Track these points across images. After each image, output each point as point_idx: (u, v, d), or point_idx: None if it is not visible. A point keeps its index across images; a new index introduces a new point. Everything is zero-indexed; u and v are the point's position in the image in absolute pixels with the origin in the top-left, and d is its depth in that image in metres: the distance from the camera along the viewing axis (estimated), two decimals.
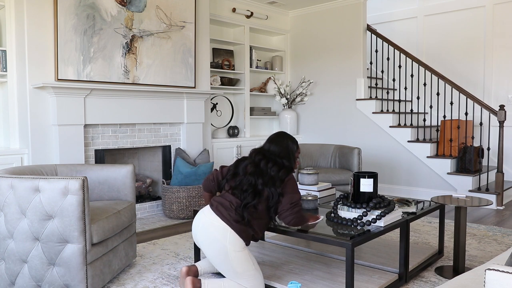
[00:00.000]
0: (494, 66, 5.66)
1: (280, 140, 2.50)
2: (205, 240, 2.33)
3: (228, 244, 2.27)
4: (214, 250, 2.31)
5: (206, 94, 4.93)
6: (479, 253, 3.23)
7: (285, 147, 2.47)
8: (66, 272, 2.32)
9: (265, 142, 2.55)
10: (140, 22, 4.28)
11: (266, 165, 2.36)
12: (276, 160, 2.39)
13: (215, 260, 2.34)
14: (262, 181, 2.32)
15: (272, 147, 2.47)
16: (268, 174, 2.33)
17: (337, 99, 6.05)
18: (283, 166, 2.38)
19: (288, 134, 2.57)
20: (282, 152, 2.45)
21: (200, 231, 2.36)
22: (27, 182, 2.31)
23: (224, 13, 5.66)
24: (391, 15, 6.60)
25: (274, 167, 2.36)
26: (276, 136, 2.54)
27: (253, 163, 2.40)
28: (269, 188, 2.32)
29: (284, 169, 2.37)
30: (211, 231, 2.30)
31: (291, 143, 2.51)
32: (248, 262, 2.32)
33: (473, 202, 2.76)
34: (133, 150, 4.77)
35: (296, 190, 2.38)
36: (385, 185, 5.56)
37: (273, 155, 2.42)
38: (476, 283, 1.60)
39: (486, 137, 5.35)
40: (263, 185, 2.32)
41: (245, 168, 2.40)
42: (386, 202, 2.54)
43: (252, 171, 2.36)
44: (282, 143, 2.48)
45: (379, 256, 2.91)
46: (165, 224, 4.15)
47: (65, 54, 3.79)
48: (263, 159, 2.39)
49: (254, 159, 2.42)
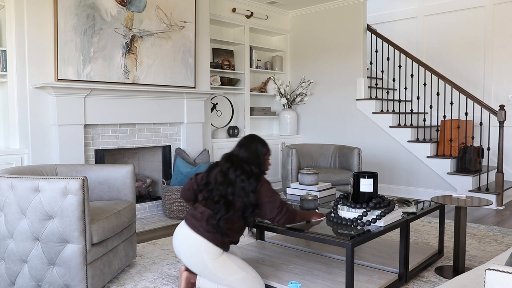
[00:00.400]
0: (494, 66, 5.66)
1: (249, 144, 2.43)
2: (184, 254, 2.33)
3: (205, 255, 2.25)
4: (194, 263, 2.31)
5: (206, 94, 4.93)
6: (479, 253, 3.23)
7: (254, 151, 2.40)
8: (66, 272, 2.32)
9: (235, 146, 2.47)
10: (140, 22, 4.28)
11: (234, 173, 2.30)
12: (244, 167, 2.32)
13: (199, 271, 2.34)
14: (232, 191, 2.28)
15: (241, 152, 2.40)
16: (238, 185, 2.28)
17: (337, 99, 6.05)
18: (251, 174, 2.31)
19: (258, 137, 2.50)
20: (251, 157, 2.38)
21: (178, 246, 2.37)
22: (27, 182, 2.31)
23: (224, 13, 5.66)
24: (391, 15, 6.60)
25: (242, 175, 2.29)
26: (245, 140, 2.47)
27: (222, 171, 2.34)
28: (241, 198, 2.27)
29: (253, 177, 2.30)
30: (187, 245, 2.30)
31: (260, 146, 2.44)
32: (230, 267, 2.29)
33: (473, 202, 2.76)
34: (133, 150, 4.77)
35: (273, 194, 2.33)
36: (385, 185, 5.56)
37: (241, 162, 2.35)
38: (476, 283, 1.60)
39: (486, 137, 5.34)
40: (233, 196, 2.27)
41: (216, 177, 2.35)
42: (386, 202, 2.53)
43: (221, 181, 2.30)
44: (251, 147, 2.41)
45: (379, 256, 2.91)
46: (165, 224, 4.15)
47: (65, 54, 3.79)
48: (231, 166, 2.33)
49: (222, 167, 2.36)
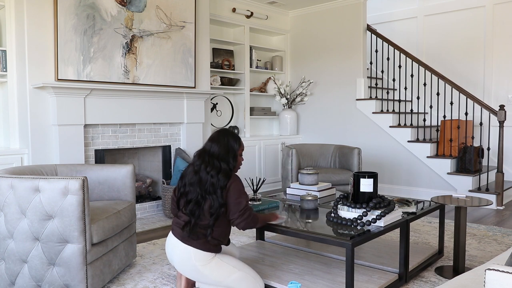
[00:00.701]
0: (494, 66, 5.66)
1: (220, 139, 2.34)
2: (177, 264, 2.31)
3: (196, 262, 2.22)
4: (188, 271, 2.29)
5: (206, 94, 4.93)
6: (479, 253, 3.23)
7: (224, 146, 2.31)
8: (66, 272, 2.32)
9: (207, 141, 2.39)
10: (140, 22, 4.28)
11: (205, 170, 2.24)
12: (214, 163, 2.25)
13: (195, 279, 2.32)
14: (201, 190, 2.22)
15: (213, 147, 2.32)
16: (209, 181, 2.22)
17: (337, 99, 6.05)
18: (220, 169, 2.24)
19: (230, 131, 2.42)
20: (222, 152, 2.29)
21: (170, 258, 2.35)
22: (27, 182, 2.31)
23: (224, 13, 5.66)
24: (391, 15, 6.60)
25: (212, 171, 2.23)
26: (217, 134, 2.38)
27: (194, 170, 2.28)
28: (210, 195, 2.21)
29: (222, 173, 2.23)
30: (178, 256, 2.27)
31: (232, 140, 2.35)
32: (225, 268, 2.26)
33: (473, 202, 2.76)
34: (133, 150, 4.77)
35: (241, 194, 2.26)
36: (385, 185, 5.56)
37: (212, 157, 2.28)
38: (476, 283, 1.60)
39: (486, 137, 5.34)
40: (204, 194, 2.21)
41: (189, 177, 2.30)
42: (386, 202, 2.53)
43: (193, 181, 2.26)
44: (223, 142, 2.32)
45: (379, 256, 2.91)
46: (165, 224, 4.15)
47: (65, 54, 3.79)
48: (202, 163, 2.27)
49: (194, 165, 2.30)
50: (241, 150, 2.40)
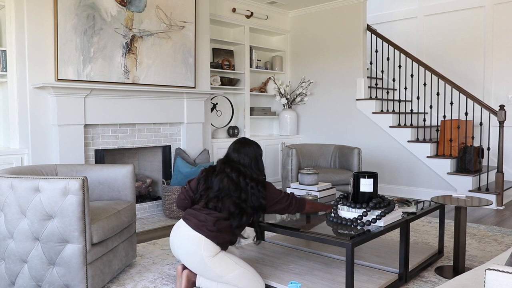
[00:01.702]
0: (494, 66, 5.66)
1: (246, 149, 2.50)
2: (183, 254, 2.34)
3: (204, 252, 2.27)
4: (193, 262, 2.32)
5: (206, 94, 4.93)
6: (479, 253, 3.23)
7: (253, 156, 2.48)
8: (66, 272, 2.32)
9: (231, 151, 2.52)
10: (140, 22, 4.28)
11: (244, 181, 2.38)
12: (252, 175, 2.42)
13: (198, 271, 2.35)
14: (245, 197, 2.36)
15: (242, 158, 2.46)
16: (249, 191, 2.37)
17: (337, 99, 6.05)
18: (258, 181, 2.42)
19: (250, 140, 2.58)
20: (253, 161, 2.47)
21: (177, 246, 2.37)
22: (27, 182, 2.31)
23: (224, 13, 5.66)
24: (391, 15, 6.60)
25: (252, 182, 2.39)
26: (241, 145, 2.53)
27: (232, 180, 2.38)
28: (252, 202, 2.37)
29: (260, 184, 2.41)
30: (187, 245, 2.30)
31: (256, 148, 2.53)
32: (229, 263, 2.31)
33: (473, 202, 2.76)
34: (133, 150, 4.77)
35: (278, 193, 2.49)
36: (385, 185, 5.56)
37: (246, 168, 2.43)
38: (476, 283, 1.60)
39: (486, 137, 5.34)
40: (245, 202, 2.36)
41: (222, 182, 2.38)
42: (386, 202, 2.53)
43: (233, 189, 2.36)
44: (250, 152, 2.48)
45: (379, 256, 2.91)
46: (165, 224, 4.15)
47: (65, 54, 3.79)
48: (240, 175, 2.39)
49: (231, 175, 2.39)
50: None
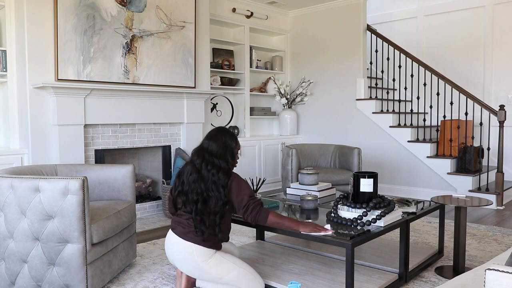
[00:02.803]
0: (494, 66, 5.66)
1: (218, 137, 2.38)
2: (178, 262, 2.33)
3: (197, 258, 2.25)
4: (189, 268, 2.31)
5: (206, 94, 4.93)
6: (479, 253, 3.23)
7: (222, 145, 2.35)
8: (66, 272, 2.32)
9: (204, 138, 2.43)
10: (140, 22, 4.28)
11: (206, 168, 2.28)
12: (214, 161, 2.30)
13: (196, 276, 2.34)
14: (206, 187, 2.26)
15: (211, 145, 2.35)
16: (210, 179, 2.26)
17: (337, 99, 6.05)
18: (220, 168, 2.29)
19: (227, 130, 2.46)
20: (220, 150, 2.34)
21: (171, 255, 2.37)
22: (27, 182, 2.31)
23: (224, 13, 5.66)
24: (391, 15, 6.60)
25: (213, 169, 2.28)
26: (215, 133, 2.42)
27: (195, 168, 2.31)
28: (213, 193, 2.25)
29: (221, 172, 2.28)
30: (179, 253, 2.29)
31: (229, 139, 2.39)
32: (226, 264, 2.29)
33: (473, 202, 2.76)
34: (133, 150, 4.77)
35: (240, 191, 2.29)
36: (385, 185, 5.56)
37: (211, 156, 2.32)
38: (476, 283, 1.60)
39: (486, 137, 5.34)
40: (207, 191, 2.26)
41: (188, 178, 2.31)
42: (386, 202, 2.53)
43: (195, 178, 2.28)
44: (220, 140, 2.36)
45: (379, 256, 2.91)
46: (165, 224, 4.15)
47: (65, 54, 3.79)
48: (203, 161, 2.31)
49: (195, 163, 2.33)
50: (237, 149, 2.44)
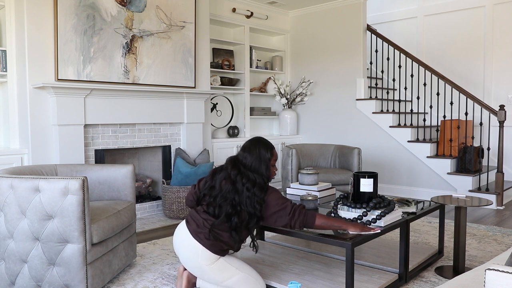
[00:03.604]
0: (494, 66, 5.66)
1: (252, 149, 2.31)
2: (183, 257, 2.32)
3: (201, 261, 2.23)
4: (192, 267, 2.30)
5: (206, 94, 4.93)
6: (479, 253, 3.23)
7: (257, 157, 2.28)
8: (66, 272, 2.32)
9: (240, 149, 2.38)
10: (140, 22, 4.28)
11: (241, 182, 2.21)
12: (249, 176, 2.23)
13: (198, 275, 2.34)
14: (239, 200, 2.21)
15: (245, 157, 2.29)
16: (244, 194, 2.20)
17: (337, 99, 6.05)
18: (255, 183, 2.22)
19: (262, 140, 2.38)
20: (254, 163, 2.27)
21: (177, 247, 2.35)
22: (27, 182, 2.31)
23: (224, 13, 5.66)
24: (391, 15, 6.60)
25: (248, 183, 2.21)
26: (249, 144, 2.35)
27: (230, 179, 2.25)
28: (247, 208, 2.19)
29: (257, 187, 2.21)
30: (185, 248, 2.28)
31: (263, 150, 2.31)
32: (228, 269, 2.27)
33: (473, 202, 2.76)
34: (133, 150, 4.77)
35: (282, 201, 2.24)
36: (385, 185, 5.56)
37: (247, 169, 2.26)
38: (476, 283, 1.60)
39: (486, 137, 5.34)
40: (240, 205, 2.20)
41: (221, 183, 2.26)
42: (386, 202, 2.53)
43: (229, 189, 2.23)
44: (254, 152, 2.30)
45: (379, 256, 2.91)
46: (165, 224, 4.15)
47: (65, 54, 3.79)
48: (238, 174, 2.24)
49: (230, 173, 2.26)
50: (273, 160, 2.37)
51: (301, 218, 2.23)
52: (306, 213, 2.25)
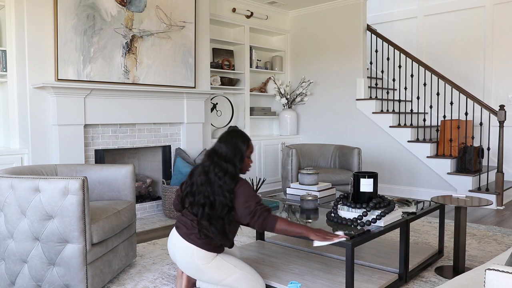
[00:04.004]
0: (494, 66, 5.66)
1: (228, 139, 2.28)
2: (179, 262, 2.31)
3: (198, 261, 2.22)
4: (190, 270, 2.29)
5: (206, 94, 4.93)
6: (479, 253, 3.23)
7: (232, 147, 2.25)
8: (66, 272, 2.32)
9: (216, 141, 2.34)
10: (140, 22, 4.28)
11: (214, 171, 2.20)
12: (222, 165, 2.21)
13: (197, 277, 2.33)
14: (211, 190, 2.19)
15: (221, 147, 2.26)
16: (217, 183, 2.18)
17: (337, 99, 6.05)
18: (227, 172, 2.20)
19: (239, 131, 2.34)
20: (229, 153, 2.24)
21: (172, 253, 2.35)
22: (27, 182, 2.31)
23: (224, 13, 5.66)
24: (391, 15, 6.60)
25: (220, 172, 2.19)
26: (226, 134, 2.32)
27: (204, 171, 2.24)
28: (219, 197, 2.17)
29: (228, 176, 2.19)
30: (181, 253, 2.27)
31: (240, 141, 2.28)
32: (227, 267, 2.27)
33: (473, 202, 2.76)
34: (133, 150, 4.77)
35: (249, 198, 2.19)
36: (385, 185, 5.56)
37: (220, 159, 2.23)
38: (476, 283, 1.60)
39: (486, 137, 5.34)
40: (213, 195, 2.18)
41: (197, 179, 2.25)
42: (386, 202, 2.53)
43: (203, 181, 2.21)
44: (230, 143, 2.26)
45: (379, 256, 2.91)
46: (165, 224, 4.15)
47: (65, 54, 3.79)
48: (211, 164, 2.22)
49: (204, 166, 2.25)
50: (249, 152, 2.33)
51: (260, 221, 2.17)
52: (267, 217, 2.18)
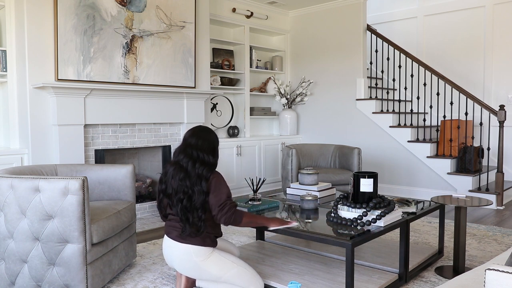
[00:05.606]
0: (494, 66, 5.66)
1: (204, 134, 2.37)
2: (178, 265, 2.32)
3: (196, 258, 2.24)
4: (189, 269, 2.30)
5: (206, 94, 4.93)
6: (479, 253, 3.23)
7: (207, 141, 2.34)
8: (66, 272, 2.32)
9: (188, 136, 2.36)
10: (140, 22, 4.28)
11: (194, 165, 2.25)
12: (204, 158, 2.28)
13: (196, 276, 2.34)
14: (190, 183, 2.22)
15: (199, 141, 2.32)
16: (195, 173, 2.23)
17: (337, 99, 6.05)
18: (206, 163, 2.27)
19: (208, 127, 2.46)
20: (205, 145, 2.32)
21: (170, 259, 2.36)
22: (27, 182, 2.31)
23: (224, 13, 5.66)
24: (391, 15, 6.60)
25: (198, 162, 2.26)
26: (198, 130, 2.40)
27: (181, 167, 2.26)
28: (197, 186, 2.22)
29: (207, 166, 2.27)
30: (177, 256, 2.28)
31: (214, 137, 2.40)
32: (224, 263, 2.29)
33: (473, 202, 2.76)
34: (133, 150, 4.77)
35: (221, 189, 2.26)
36: (385, 185, 5.56)
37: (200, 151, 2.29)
38: (476, 283, 1.60)
39: (486, 137, 5.34)
40: (192, 187, 2.22)
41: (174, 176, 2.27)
42: (386, 202, 2.53)
43: (182, 177, 2.24)
44: (207, 137, 2.36)
45: (379, 256, 2.91)
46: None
47: (65, 54, 3.79)
48: (191, 159, 2.27)
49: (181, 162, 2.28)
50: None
51: (228, 215, 2.24)
52: (235, 212, 2.26)
